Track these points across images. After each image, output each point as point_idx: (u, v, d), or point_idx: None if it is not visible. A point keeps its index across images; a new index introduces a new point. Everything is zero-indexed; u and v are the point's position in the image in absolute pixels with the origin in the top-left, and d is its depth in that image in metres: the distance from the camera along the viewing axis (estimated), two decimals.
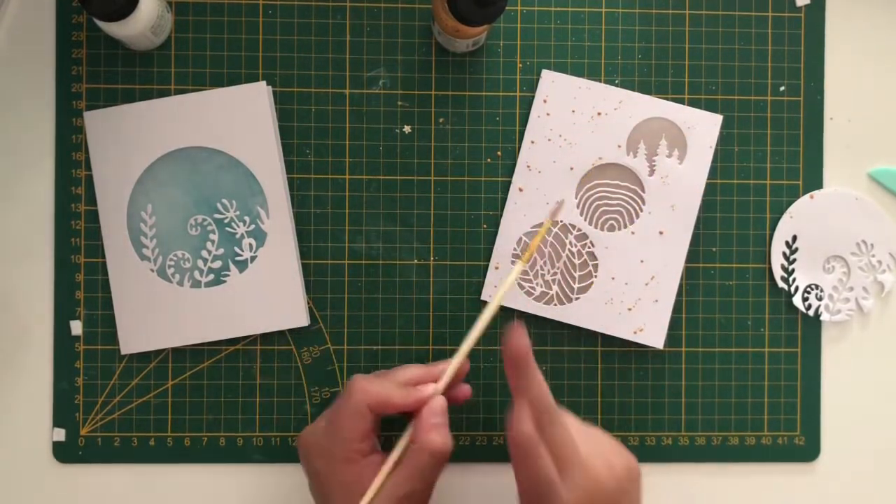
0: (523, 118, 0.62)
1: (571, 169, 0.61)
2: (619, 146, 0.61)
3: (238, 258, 0.60)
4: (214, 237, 0.60)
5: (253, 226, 0.60)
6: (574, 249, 0.61)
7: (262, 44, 0.61)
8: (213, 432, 0.61)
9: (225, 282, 0.60)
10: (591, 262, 0.61)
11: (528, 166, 0.61)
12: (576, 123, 0.61)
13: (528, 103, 0.61)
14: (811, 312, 0.62)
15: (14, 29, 0.61)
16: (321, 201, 0.61)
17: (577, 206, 0.61)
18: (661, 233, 0.61)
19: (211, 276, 0.60)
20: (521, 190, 0.61)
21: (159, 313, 0.60)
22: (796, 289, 0.62)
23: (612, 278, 0.61)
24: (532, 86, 0.62)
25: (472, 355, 0.61)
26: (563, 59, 0.62)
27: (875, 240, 0.62)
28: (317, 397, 0.61)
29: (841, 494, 0.63)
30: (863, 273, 0.62)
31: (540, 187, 0.61)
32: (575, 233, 0.61)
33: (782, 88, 0.62)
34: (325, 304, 0.61)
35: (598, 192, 0.61)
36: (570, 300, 0.61)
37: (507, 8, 0.58)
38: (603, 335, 0.62)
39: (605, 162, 0.61)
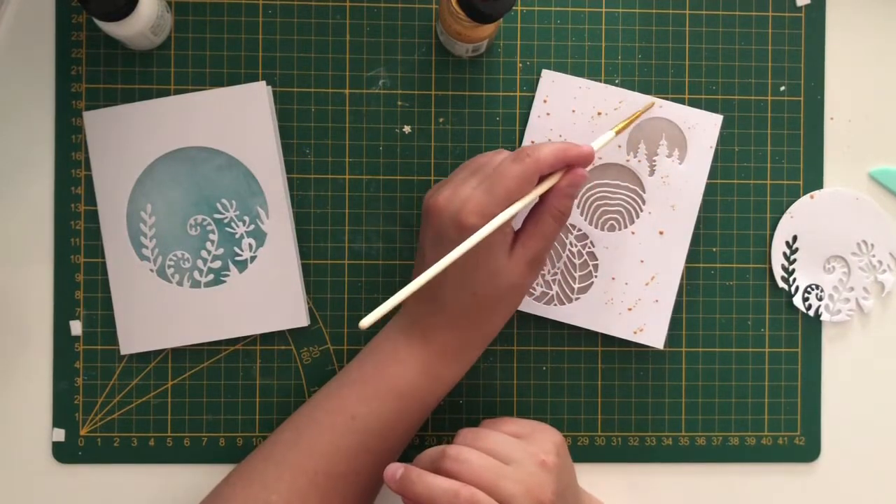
0: (523, 118, 0.61)
1: None
2: (620, 146, 0.61)
3: (238, 258, 0.60)
4: (214, 237, 0.60)
5: (253, 226, 0.60)
6: (574, 249, 0.61)
7: (262, 44, 0.61)
8: (213, 432, 0.61)
9: (225, 282, 0.60)
10: (591, 263, 0.61)
11: None
12: (576, 123, 0.61)
13: (528, 103, 0.61)
14: (811, 312, 0.62)
15: (14, 29, 0.61)
16: (321, 201, 0.61)
17: (578, 206, 0.61)
18: (661, 233, 0.61)
19: (211, 277, 0.60)
20: None
21: (159, 313, 0.60)
22: (796, 289, 0.62)
23: (613, 278, 0.61)
24: (532, 86, 0.62)
25: None
26: (563, 59, 0.62)
27: (875, 240, 0.62)
28: None
29: (841, 494, 0.63)
30: (863, 273, 0.62)
31: None
32: (575, 233, 0.61)
33: (782, 88, 0.62)
34: (325, 304, 0.61)
35: (599, 193, 0.61)
36: (570, 300, 0.61)
37: None
38: (603, 335, 0.62)
39: (606, 162, 0.61)
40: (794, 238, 0.62)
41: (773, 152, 0.62)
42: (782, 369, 0.62)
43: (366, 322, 0.48)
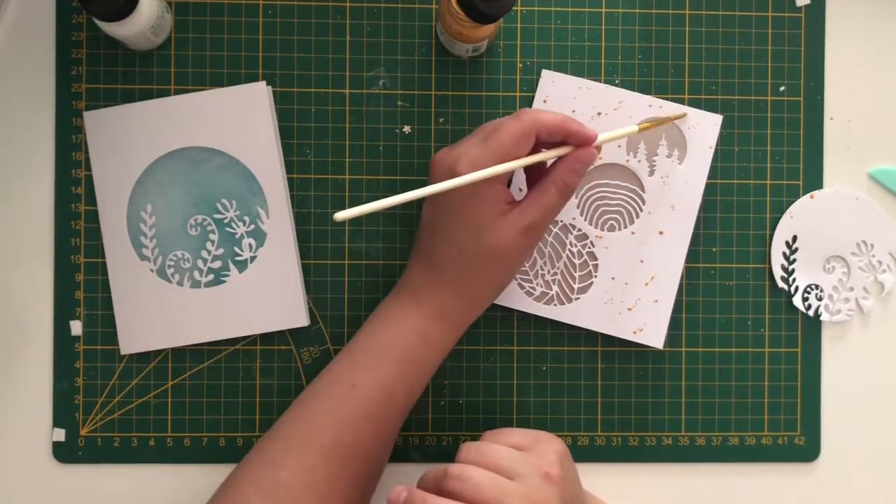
0: None
1: None
2: (619, 146, 0.61)
3: (238, 258, 0.60)
4: (214, 237, 0.60)
5: (253, 226, 0.60)
6: (574, 249, 0.61)
7: (262, 44, 0.61)
8: (213, 432, 0.61)
9: (225, 282, 0.60)
10: (591, 262, 0.61)
11: None
12: None
13: (528, 103, 0.61)
14: (811, 312, 0.62)
15: (14, 29, 0.61)
16: (321, 201, 0.61)
17: (578, 206, 0.61)
18: (661, 233, 0.61)
19: (211, 276, 0.60)
20: (521, 190, 0.61)
21: (159, 313, 0.60)
22: (796, 289, 0.62)
23: (612, 278, 0.61)
24: (532, 86, 0.62)
25: (472, 355, 0.61)
26: (563, 59, 0.62)
27: (875, 240, 0.62)
28: None
29: (841, 494, 0.63)
30: (863, 273, 0.62)
31: None
32: (575, 233, 0.61)
33: (782, 88, 0.62)
34: (325, 304, 0.61)
35: (599, 192, 0.61)
36: (570, 300, 0.61)
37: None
38: (603, 335, 0.62)
39: (606, 162, 0.61)
40: (794, 238, 0.62)
41: (773, 152, 0.62)
42: (782, 369, 0.62)
43: (341, 215, 0.48)
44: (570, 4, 0.62)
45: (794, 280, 0.62)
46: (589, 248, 0.61)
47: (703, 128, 0.61)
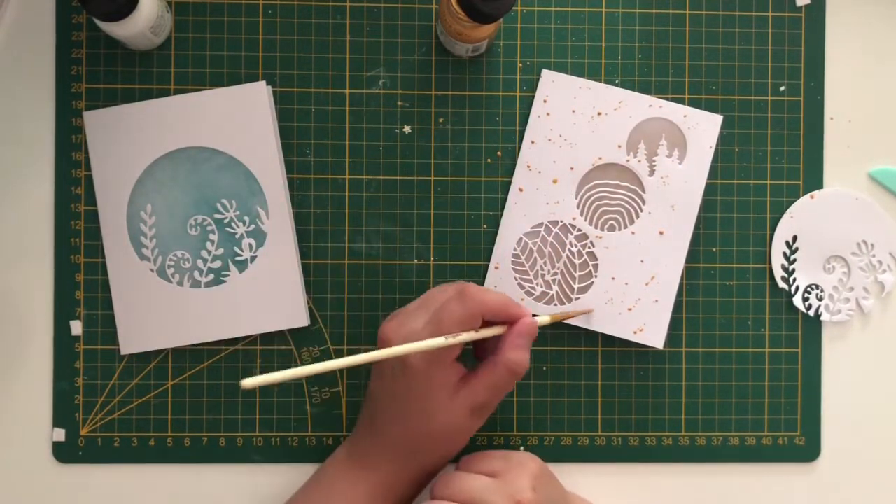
0: (523, 118, 0.61)
1: (571, 169, 0.61)
2: (619, 146, 0.61)
3: (238, 258, 0.60)
4: (214, 237, 0.60)
5: (253, 226, 0.60)
6: (574, 249, 0.61)
7: (262, 44, 0.61)
8: (213, 432, 0.61)
9: (225, 282, 0.60)
10: (591, 262, 0.61)
11: (529, 166, 0.61)
12: (576, 123, 0.61)
13: (528, 103, 0.61)
14: (811, 312, 0.62)
15: (14, 29, 0.61)
16: (321, 201, 0.61)
17: (578, 207, 0.61)
18: (661, 233, 0.61)
19: (211, 277, 0.60)
20: (521, 190, 0.61)
21: (159, 313, 0.60)
22: (796, 289, 0.62)
23: (613, 278, 0.61)
24: (532, 86, 0.62)
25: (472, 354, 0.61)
26: (563, 58, 0.62)
27: (875, 240, 0.62)
28: (317, 397, 0.61)
29: (841, 494, 0.63)
30: (863, 273, 0.62)
31: (540, 187, 0.61)
32: (575, 233, 0.61)
33: (782, 88, 0.62)
34: (325, 304, 0.61)
35: (599, 192, 0.61)
36: (570, 300, 0.61)
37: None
38: (603, 335, 0.62)
39: (606, 162, 0.61)
40: (794, 238, 0.62)
41: (773, 152, 0.62)
42: (782, 369, 0.62)
43: (248, 382, 0.47)
44: (570, 4, 0.62)
45: (794, 280, 0.62)
46: (589, 248, 0.61)
47: (704, 128, 0.61)
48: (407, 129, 0.61)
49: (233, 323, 0.60)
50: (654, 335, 0.61)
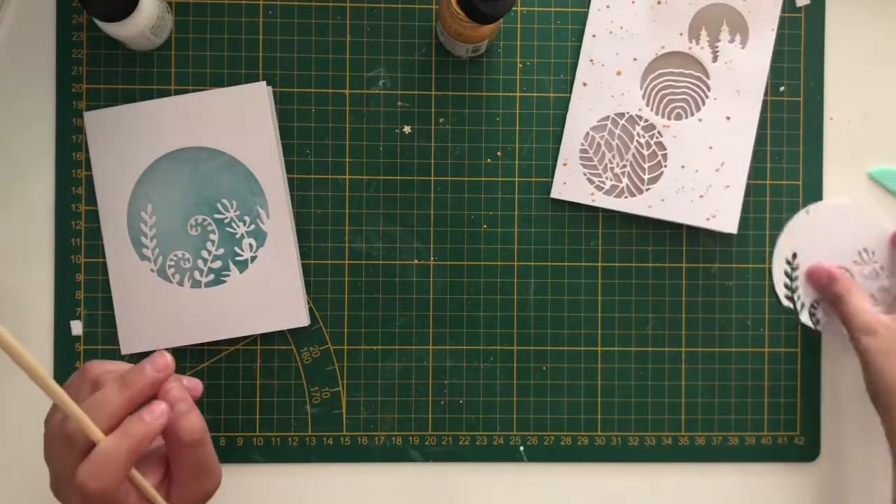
0: (523, 118, 0.62)
1: (635, 60, 0.61)
2: (681, 34, 0.61)
3: (238, 258, 0.60)
4: (214, 237, 0.60)
5: (253, 226, 0.60)
6: (642, 140, 0.61)
7: (262, 44, 0.61)
8: (214, 432, 0.61)
9: (225, 282, 0.60)
10: (659, 152, 0.61)
11: (591, 60, 0.61)
12: (636, 14, 0.61)
13: (528, 103, 0.62)
14: (820, 328, 0.62)
15: (14, 29, 0.61)
16: (321, 201, 0.61)
17: (643, 97, 0.61)
18: (727, 118, 0.61)
19: (211, 276, 0.60)
20: (585, 84, 0.60)
21: (159, 313, 0.60)
22: (802, 306, 0.62)
23: (682, 167, 0.61)
24: (532, 86, 0.62)
25: (472, 355, 0.61)
26: (563, 59, 0.62)
27: (875, 246, 0.62)
28: (317, 397, 0.61)
29: (841, 494, 0.63)
30: (868, 281, 0.62)
31: (604, 80, 0.61)
32: (642, 123, 0.61)
33: (782, 88, 0.62)
34: (325, 304, 0.61)
35: (663, 82, 0.61)
36: (640, 191, 0.61)
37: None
38: (603, 334, 0.62)
39: (668, 51, 0.61)
40: (794, 255, 0.62)
41: (773, 152, 0.62)
42: (782, 369, 0.62)
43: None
44: (571, 4, 0.62)
45: (798, 297, 0.62)
46: (657, 137, 0.61)
47: (764, 10, 0.60)
48: (407, 129, 0.61)
49: (233, 323, 0.60)
50: (727, 221, 0.61)
